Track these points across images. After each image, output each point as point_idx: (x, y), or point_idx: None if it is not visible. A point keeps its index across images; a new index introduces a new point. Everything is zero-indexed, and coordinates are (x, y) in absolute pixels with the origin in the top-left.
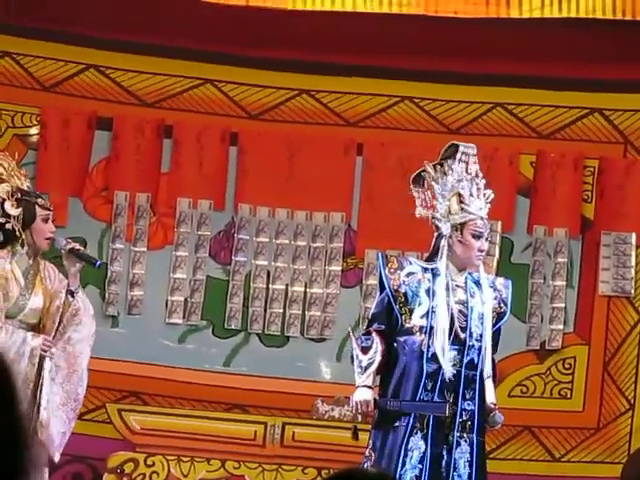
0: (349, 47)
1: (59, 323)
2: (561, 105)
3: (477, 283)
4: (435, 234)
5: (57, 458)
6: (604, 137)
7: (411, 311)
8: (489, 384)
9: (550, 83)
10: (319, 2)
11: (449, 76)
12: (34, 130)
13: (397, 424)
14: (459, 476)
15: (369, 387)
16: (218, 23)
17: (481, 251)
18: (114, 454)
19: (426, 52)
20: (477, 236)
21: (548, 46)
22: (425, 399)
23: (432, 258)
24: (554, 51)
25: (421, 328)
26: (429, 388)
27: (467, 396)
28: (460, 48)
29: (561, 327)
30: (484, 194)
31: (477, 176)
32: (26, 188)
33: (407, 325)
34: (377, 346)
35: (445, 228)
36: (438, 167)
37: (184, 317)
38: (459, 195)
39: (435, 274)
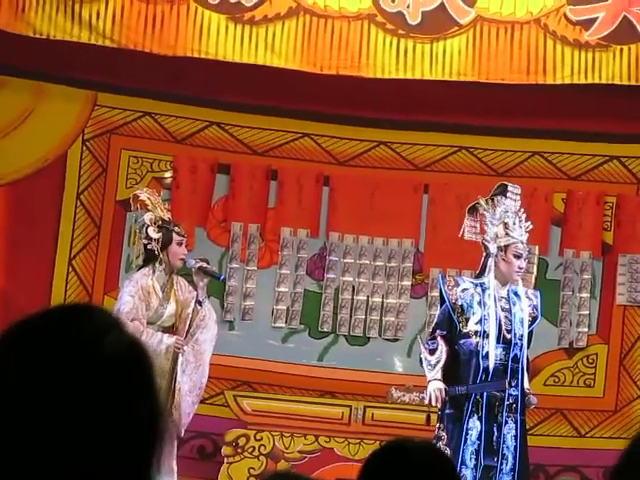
0: (418, 106)
1: (189, 326)
2: (586, 153)
3: (516, 294)
4: (484, 254)
5: (182, 434)
6: (620, 179)
7: (467, 319)
8: (525, 374)
9: (578, 136)
10: (394, 72)
11: (498, 130)
12: (168, 174)
13: (460, 410)
14: (507, 448)
15: (439, 380)
16: (314, 89)
17: (520, 268)
18: (230, 431)
19: (479, 111)
20: (517, 256)
21: (576, 106)
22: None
23: (480, 275)
24: (581, 110)
25: (476, 332)
26: (484, 378)
27: (512, 384)
28: (506, 107)
29: (586, 330)
30: (525, 224)
31: (519, 210)
32: (166, 218)
33: (464, 330)
34: (442, 347)
35: (493, 248)
36: (489, 201)
37: (286, 322)
38: (505, 224)
39: (484, 288)
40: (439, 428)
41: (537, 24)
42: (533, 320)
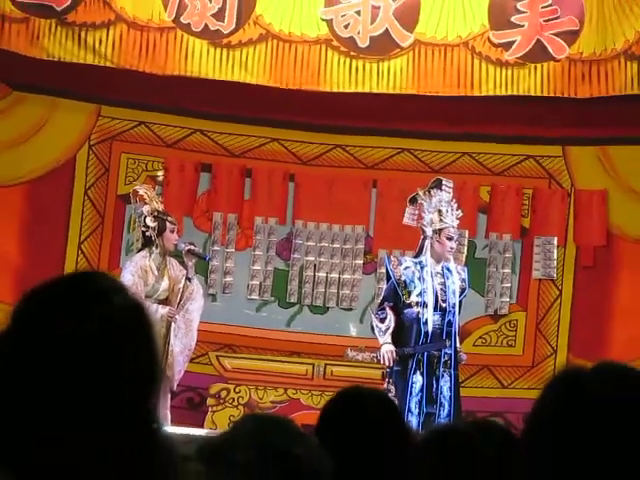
0: (368, 115)
1: (180, 299)
2: (507, 153)
3: (448, 270)
4: (421, 237)
5: (175, 388)
6: (535, 174)
7: (409, 292)
8: (457, 337)
9: (500, 139)
10: (347, 86)
11: (434, 135)
12: (160, 173)
13: (405, 367)
14: (444, 397)
15: (390, 343)
16: (281, 102)
17: (452, 248)
18: (213, 385)
19: (419, 118)
20: (449, 238)
21: (498, 114)
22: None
23: (419, 255)
24: (502, 117)
25: (417, 303)
26: (425, 341)
27: (447, 343)
28: (441, 115)
29: (508, 300)
30: (456, 212)
31: (452, 200)
32: (161, 209)
33: (407, 302)
34: (390, 316)
35: (429, 232)
36: (427, 193)
37: (259, 295)
38: (439, 211)
39: (422, 266)
40: (388, 382)
41: (465, 46)
42: (462, 291)
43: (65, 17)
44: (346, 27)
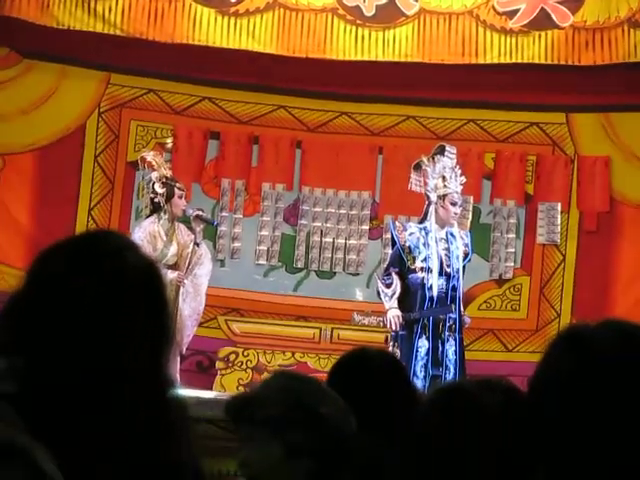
0: (374, 83)
1: (188, 264)
2: (511, 120)
3: (452, 235)
4: (426, 203)
5: (184, 351)
6: (539, 141)
7: (414, 258)
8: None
9: (504, 106)
10: (353, 55)
11: (439, 101)
12: (169, 140)
13: (410, 331)
14: (449, 360)
15: (396, 308)
16: (288, 69)
17: (455, 214)
18: (222, 349)
19: (424, 86)
20: (453, 204)
21: (503, 81)
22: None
23: (423, 220)
24: (506, 84)
25: (422, 268)
26: (430, 305)
27: (452, 308)
28: (446, 83)
29: (512, 264)
30: (459, 178)
31: (455, 166)
32: (169, 175)
33: (412, 267)
34: (396, 281)
35: (433, 197)
36: (430, 159)
37: (267, 260)
38: (443, 177)
39: (427, 231)
40: (393, 346)
41: (470, 15)
42: (465, 256)
43: None
44: None
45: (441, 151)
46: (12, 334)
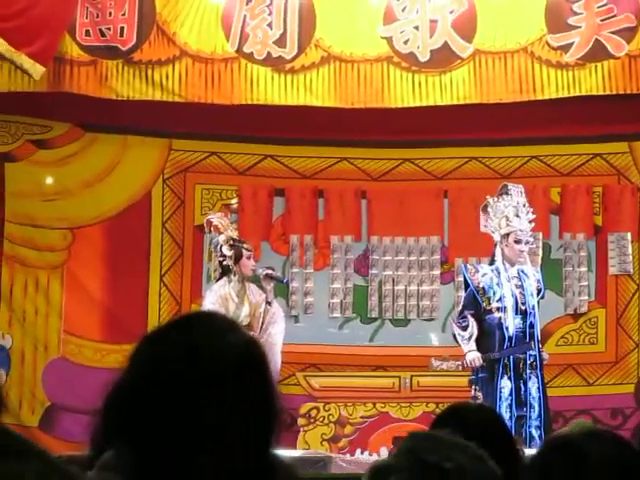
0: (434, 127)
1: (262, 323)
2: (574, 153)
3: (524, 272)
4: (494, 244)
5: None
6: (604, 172)
7: (489, 299)
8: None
9: (566, 140)
10: (411, 101)
11: (500, 141)
12: (234, 200)
13: (492, 373)
14: (533, 399)
15: (474, 350)
16: (347, 121)
17: (521, 251)
18: (303, 405)
19: (484, 126)
20: (517, 241)
21: (563, 115)
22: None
23: (492, 262)
24: (567, 118)
25: (498, 308)
26: (509, 345)
27: (532, 345)
28: (506, 122)
29: (586, 298)
30: (526, 216)
31: (522, 204)
32: (236, 237)
33: (488, 308)
34: (473, 323)
35: (497, 237)
36: (495, 199)
37: (341, 312)
38: (506, 217)
39: (498, 271)
40: (475, 389)
41: (525, 52)
42: (538, 292)
43: (131, 56)
44: (406, 43)
45: (505, 190)
46: (117, 420)
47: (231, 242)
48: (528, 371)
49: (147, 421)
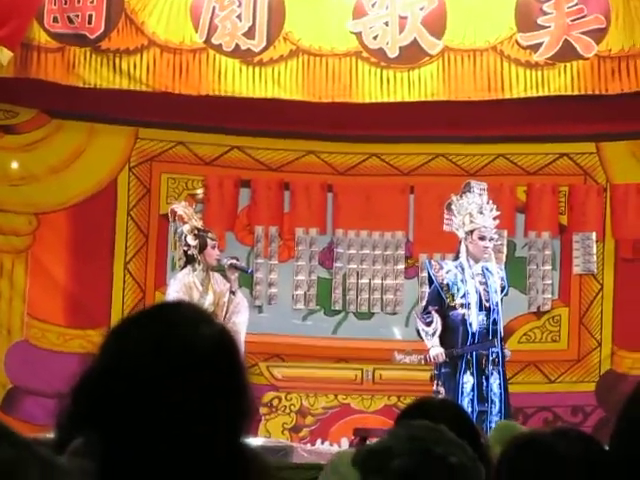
0: (401, 123)
1: (226, 312)
2: (541, 152)
3: (488, 270)
4: (458, 241)
5: None
6: (570, 172)
7: (453, 295)
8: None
9: (533, 138)
10: (379, 97)
11: (467, 138)
12: (200, 190)
13: (454, 368)
14: (494, 395)
15: (438, 346)
16: (314, 115)
17: (485, 247)
18: (265, 394)
19: (451, 124)
20: (481, 238)
21: (530, 114)
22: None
23: (457, 258)
24: (534, 117)
25: (462, 305)
26: (472, 341)
27: (495, 342)
28: (473, 119)
29: (550, 296)
30: (490, 212)
31: (485, 202)
32: (200, 226)
33: (452, 304)
34: (437, 319)
35: (461, 233)
36: (459, 197)
37: (305, 304)
38: (470, 213)
39: (462, 268)
40: (437, 384)
41: (494, 50)
42: (502, 289)
43: (99, 45)
44: (375, 38)
45: (468, 188)
46: (86, 409)
47: (195, 232)
48: (490, 367)
49: (115, 410)
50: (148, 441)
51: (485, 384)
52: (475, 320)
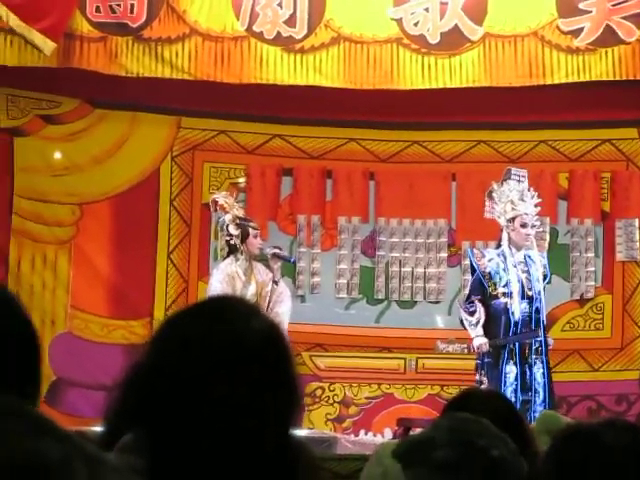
0: (443, 110)
1: (268, 302)
2: (583, 139)
3: (530, 258)
4: (500, 229)
5: None
6: (612, 158)
7: (495, 284)
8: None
9: (575, 125)
10: (420, 83)
11: (509, 125)
12: (242, 179)
13: (497, 358)
14: (538, 384)
15: (482, 335)
16: (356, 102)
17: (527, 235)
18: (308, 384)
19: (493, 110)
20: (523, 225)
21: (572, 100)
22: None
23: (499, 246)
24: (576, 103)
25: (504, 294)
26: (515, 331)
27: (539, 333)
28: (515, 106)
29: (593, 283)
30: (531, 200)
31: (526, 188)
32: (242, 215)
33: (494, 293)
34: (480, 309)
35: (503, 221)
36: (500, 184)
37: (347, 293)
38: (511, 201)
39: (505, 256)
40: (480, 374)
41: (535, 36)
42: (544, 277)
43: (141, 34)
44: (416, 25)
45: (509, 175)
46: (133, 405)
47: (237, 221)
48: (533, 356)
49: (160, 407)
50: (193, 437)
51: (529, 373)
52: (517, 309)
